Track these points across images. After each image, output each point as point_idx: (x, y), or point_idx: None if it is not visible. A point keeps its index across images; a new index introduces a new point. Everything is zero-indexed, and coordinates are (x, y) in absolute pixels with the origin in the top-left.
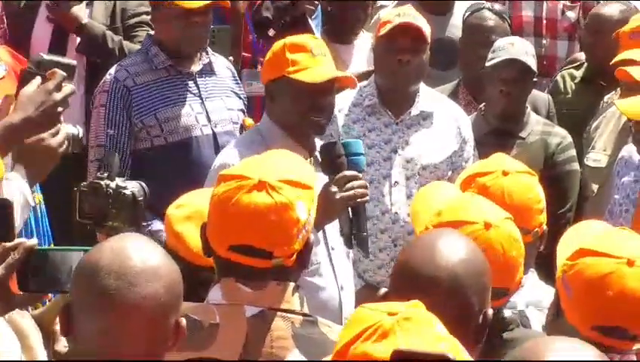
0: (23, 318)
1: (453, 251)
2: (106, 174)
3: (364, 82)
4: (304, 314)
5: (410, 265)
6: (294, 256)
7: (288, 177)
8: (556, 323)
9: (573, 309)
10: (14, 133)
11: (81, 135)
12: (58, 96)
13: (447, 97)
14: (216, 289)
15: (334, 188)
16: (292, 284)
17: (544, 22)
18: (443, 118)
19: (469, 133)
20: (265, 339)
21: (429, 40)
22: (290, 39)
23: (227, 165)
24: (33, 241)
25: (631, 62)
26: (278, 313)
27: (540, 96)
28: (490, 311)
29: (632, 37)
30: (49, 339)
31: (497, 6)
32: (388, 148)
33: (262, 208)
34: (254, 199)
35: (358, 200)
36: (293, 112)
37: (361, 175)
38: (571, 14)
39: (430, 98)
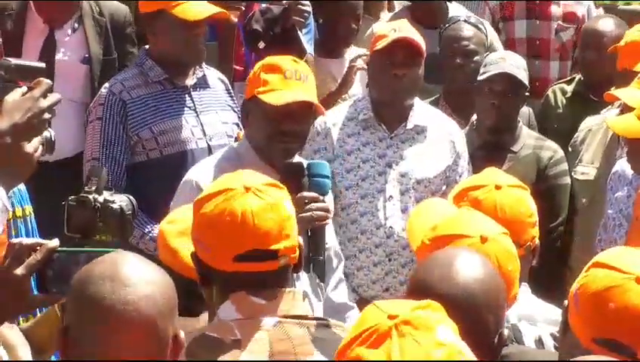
0: (12, 331)
1: (470, 269)
2: (93, 188)
3: (359, 96)
4: (316, 318)
5: (426, 282)
6: (297, 252)
7: (268, 181)
8: (565, 338)
9: (577, 320)
10: (0, 140)
11: (53, 138)
12: (44, 103)
13: (441, 112)
14: (228, 306)
15: None
16: (300, 290)
17: (537, 42)
18: (437, 133)
19: (462, 148)
20: (287, 347)
21: (425, 54)
22: (269, 59)
23: (192, 181)
24: (55, 242)
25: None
26: (294, 320)
27: (522, 110)
28: (506, 332)
29: None
30: (37, 352)
31: (473, 19)
32: (382, 163)
33: (256, 210)
34: (247, 204)
35: (316, 223)
36: (261, 134)
37: (322, 197)
38: (565, 35)
39: (424, 112)
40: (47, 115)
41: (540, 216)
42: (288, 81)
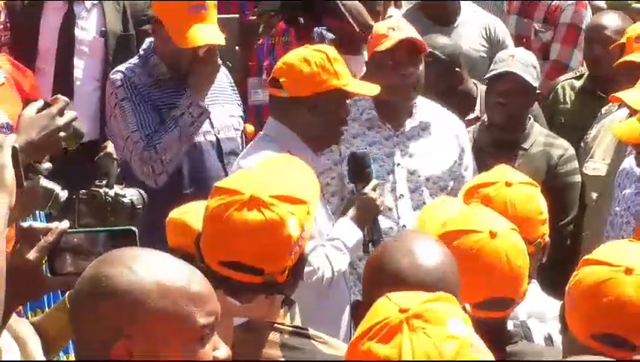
0: (22, 325)
1: (433, 253)
2: (104, 182)
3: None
4: (294, 326)
5: (393, 272)
6: (286, 271)
7: (281, 192)
8: (565, 337)
9: (573, 317)
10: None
11: (64, 198)
12: (61, 121)
13: (442, 107)
14: None
15: (374, 195)
16: (280, 297)
17: (524, 40)
18: (441, 128)
19: (466, 142)
20: (252, 348)
21: (427, 50)
22: (329, 51)
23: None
24: (65, 224)
25: (634, 64)
26: (267, 323)
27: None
28: (468, 306)
29: (638, 41)
30: (48, 346)
31: None
32: (390, 161)
33: (252, 226)
34: (245, 216)
35: (382, 207)
36: (334, 123)
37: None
38: (544, 36)
39: (427, 108)
40: (62, 133)
41: (550, 214)
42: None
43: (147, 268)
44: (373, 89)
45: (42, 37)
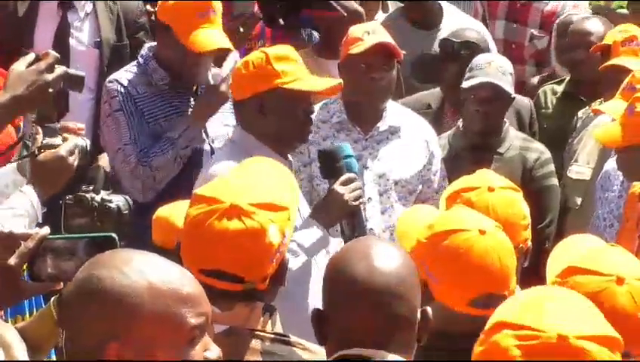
0: (8, 330)
1: (391, 257)
2: (91, 187)
3: (331, 98)
4: (276, 333)
5: (349, 275)
6: (267, 279)
7: (261, 200)
8: None
9: None
10: (3, 112)
11: (88, 147)
12: (50, 76)
13: (412, 111)
14: None
15: (342, 190)
16: (261, 304)
17: (513, 45)
18: (411, 132)
19: (436, 146)
20: (233, 356)
21: (401, 56)
22: (271, 51)
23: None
24: (45, 230)
25: (620, 67)
26: (248, 331)
27: (524, 103)
28: (430, 309)
29: (624, 45)
30: (33, 351)
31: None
32: (359, 165)
33: (233, 234)
34: (226, 225)
35: (359, 201)
36: (288, 121)
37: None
38: (539, 43)
39: (397, 112)
40: (51, 90)
41: None
42: (304, 68)
43: (139, 271)
44: (326, 83)
45: (37, 47)
